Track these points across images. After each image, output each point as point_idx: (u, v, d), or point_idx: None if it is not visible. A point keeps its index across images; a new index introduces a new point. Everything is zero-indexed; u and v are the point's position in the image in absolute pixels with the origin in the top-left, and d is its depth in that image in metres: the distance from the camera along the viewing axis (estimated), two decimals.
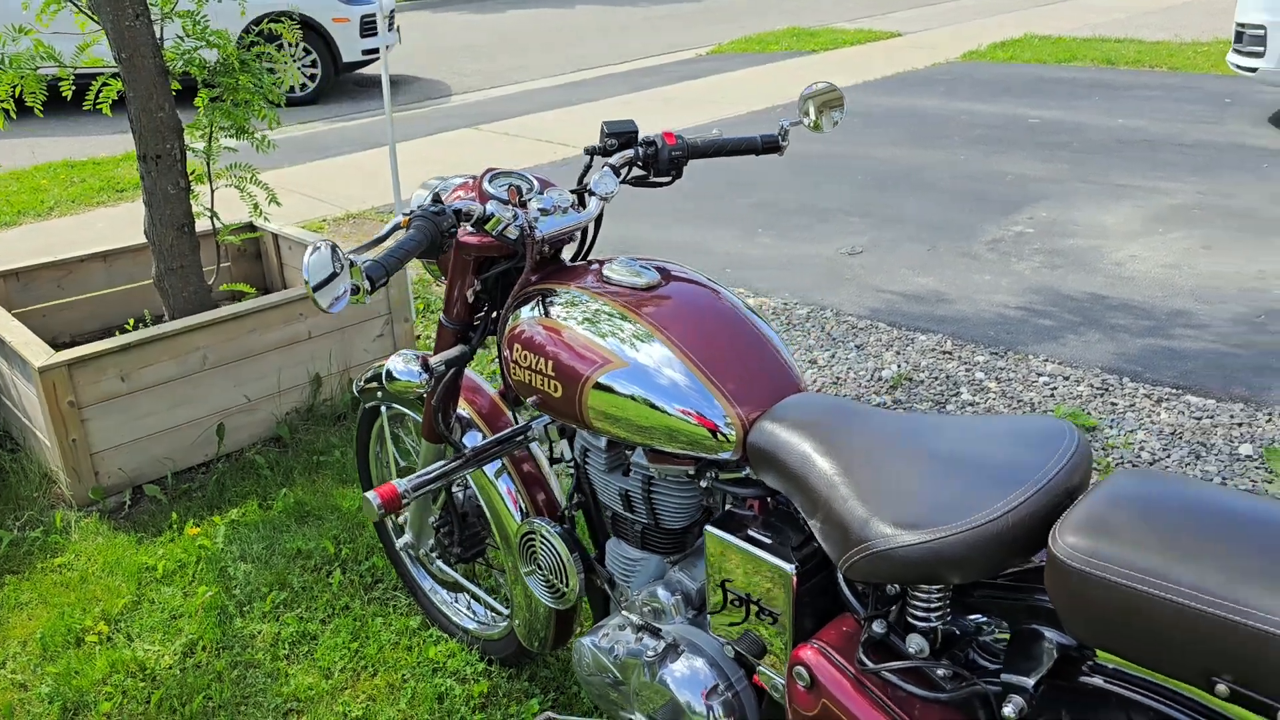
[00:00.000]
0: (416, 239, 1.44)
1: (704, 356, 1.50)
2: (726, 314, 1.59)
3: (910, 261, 4.74)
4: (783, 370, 1.54)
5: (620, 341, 1.54)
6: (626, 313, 1.57)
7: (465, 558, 2.14)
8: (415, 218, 1.47)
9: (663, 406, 1.48)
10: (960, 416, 1.40)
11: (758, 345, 1.56)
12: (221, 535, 2.84)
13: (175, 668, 2.37)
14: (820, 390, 3.54)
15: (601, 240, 5.28)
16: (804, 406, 1.45)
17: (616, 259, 1.70)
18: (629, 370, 1.51)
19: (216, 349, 3.24)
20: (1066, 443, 1.27)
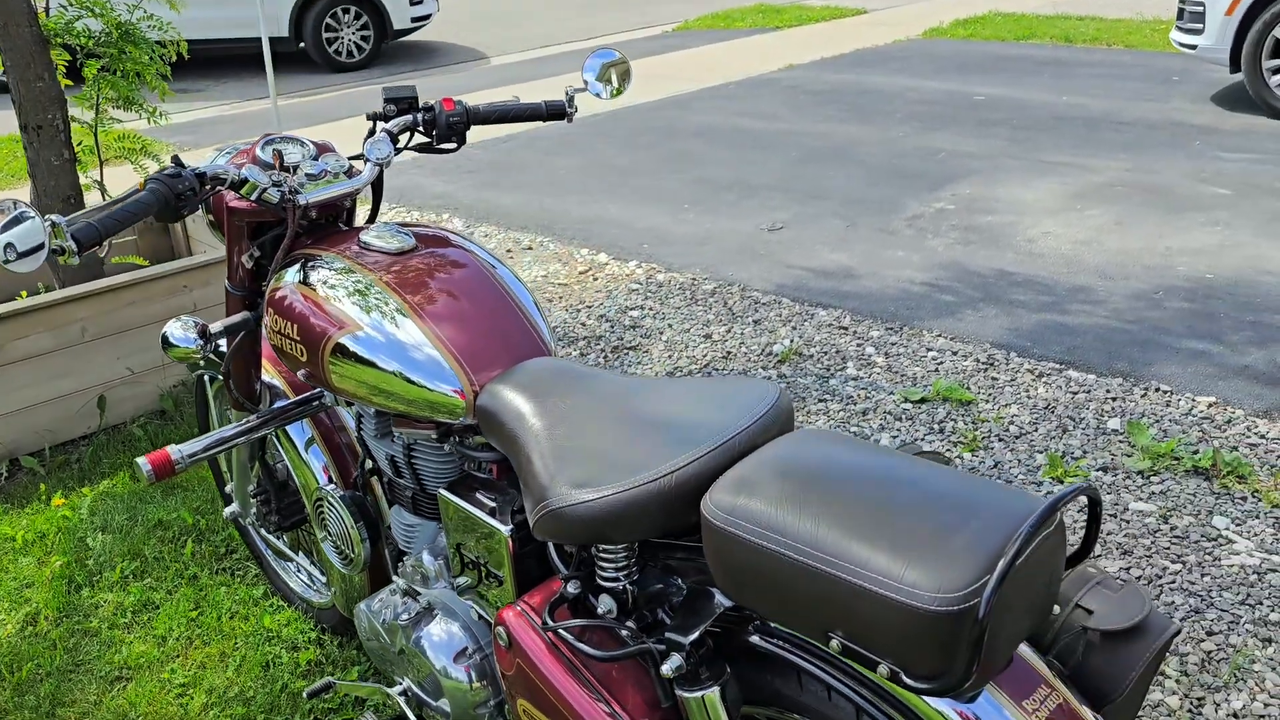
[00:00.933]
0: (144, 202, 1.44)
1: (440, 321, 1.51)
2: (474, 280, 1.59)
3: (828, 238, 4.74)
4: (526, 336, 1.54)
5: (359, 305, 1.54)
6: (371, 277, 1.57)
7: (284, 526, 2.14)
8: (149, 180, 1.47)
9: (395, 370, 1.48)
10: (681, 379, 1.40)
11: (501, 311, 1.56)
12: (86, 506, 2.85)
13: (14, 636, 2.38)
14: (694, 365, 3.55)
15: (525, 214, 5.29)
16: (533, 371, 1.45)
17: (379, 225, 1.70)
18: (364, 334, 1.52)
19: (96, 321, 3.23)
20: (762, 405, 1.28)
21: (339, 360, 1.54)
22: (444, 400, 1.46)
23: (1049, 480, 2.77)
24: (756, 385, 1.33)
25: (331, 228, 1.80)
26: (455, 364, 1.47)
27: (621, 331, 3.86)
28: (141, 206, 1.44)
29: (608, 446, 1.25)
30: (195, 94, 8.93)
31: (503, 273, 1.64)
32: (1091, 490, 1.04)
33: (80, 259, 1.36)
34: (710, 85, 8.13)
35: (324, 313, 1.56)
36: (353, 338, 1.52)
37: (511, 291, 1.61)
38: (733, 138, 6.53)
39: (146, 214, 1.45)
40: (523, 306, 1.59)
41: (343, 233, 1.74)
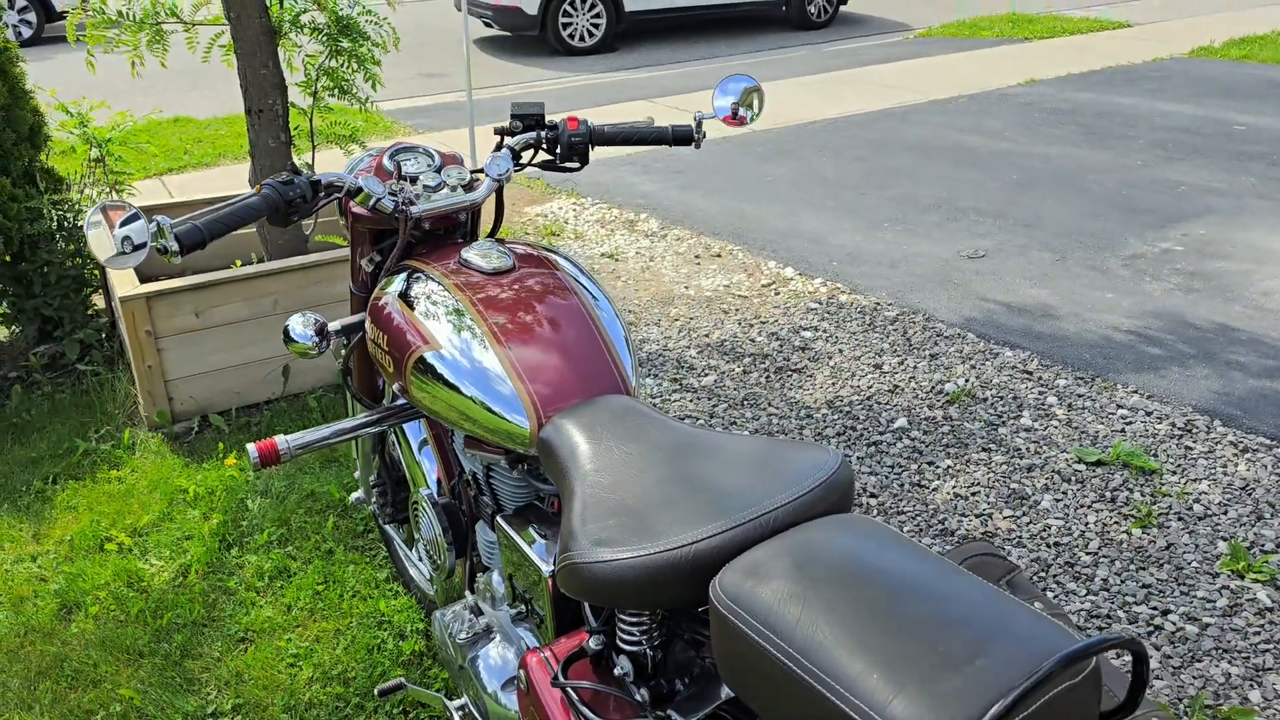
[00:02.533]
0: (253, 206, 1.50)
1: (517, 347, 1.49)
2: (562, 307, 1.56)
3: (1031, 271, 4.43)
4: (604, 371, 1.50)
5: (444, 324, 1.55)
6: (460, 296, 1.57)
7: (399, 519, 2.21)
8: (263, 186, 1.53)
9: (468, 393, 1.48)
10: (742, 436, 1.32)
11: (584, 342, 1.52)
12: (252, 470, 3.05)
13: (167, 584, 2.58)
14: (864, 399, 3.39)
15: (721, 220, 5.24)
16: (601, 409, 1.41)
17: (484, 241, 1.70)
18: (444, 353, 1.52)
19: (287, 295, 3.45)
20: (812, 478, 1.18)
21: (419, 375, 1.55)
22: (510, 428, 1.45)
23: (1226, 573, 2.47)
24: (815, 454, 1.23)
25: (448, 240, 1.83)
26: (525, 393, 1.45)
27: (789, 352, 3.75)
28: (250, 210, 1.50)
29: (641, 504, 1.19)
30: (439, 77, 9.41)
31: (598, 302, 1.61)
32: (1136, 645, 0.89)
33: (183, 257, 1.43)
34: (939, 98, 7.78)
35: (413, 327, 1.58)
36: (435, 355, 1.53)
37: (599, 322, 1.57)
38: (951, 155, 6.22)
39: (255, 218, 1.51)
40: (608, 339, 1.55)
41: (451, 246, 1.76)
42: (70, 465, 3.12)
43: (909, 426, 3.20)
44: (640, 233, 5.22)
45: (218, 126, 7.84)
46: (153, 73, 5.41)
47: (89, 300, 3.90)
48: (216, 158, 6.95)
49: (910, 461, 3.01)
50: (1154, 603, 2.39)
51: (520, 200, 5.72)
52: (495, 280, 1.61)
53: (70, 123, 4.19)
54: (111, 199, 1.43)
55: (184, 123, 7.92)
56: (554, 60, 10.20)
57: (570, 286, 1.62)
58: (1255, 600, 2.37)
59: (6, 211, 3.57)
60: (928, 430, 3.17)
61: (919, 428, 3.19)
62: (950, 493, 2.84)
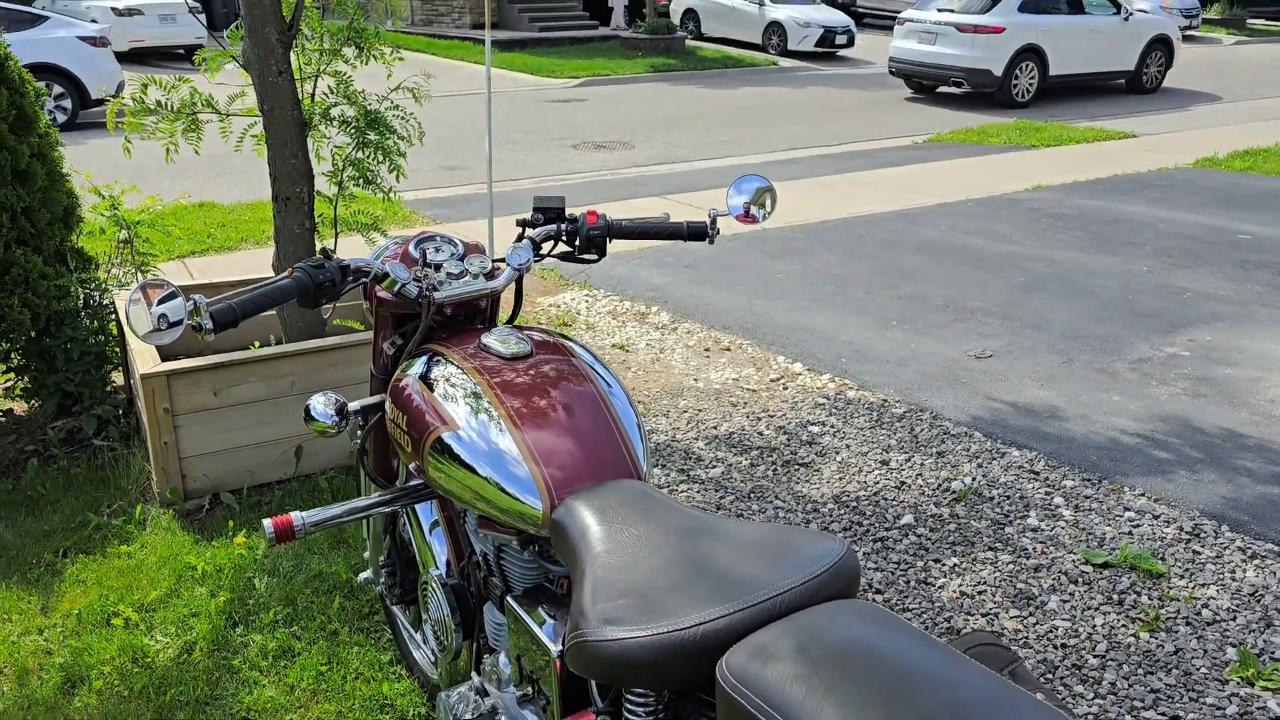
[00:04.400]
0: (284, 288, 1.56)
1: (533, 431, 1.53)
2: (577, 393, 1.61)
3: (1038, 372, 4.47)
4: (616, 456, 1.54)
5: (463, 406, 1.59)
6: (478, 380, 1.62)
7: (407, 600, 2.22)
8: (295, 269, 1.60)
9: (483, 473, 1.52)
10: (750, 522, 1.35)
11: (598, 427, 1.57)
12: (262, 548, 3.07)
13: (171, 661, 2.58)
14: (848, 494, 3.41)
15: (731, 314, 5.32)
16: (612, 492, 1.44)
17: (503, 328, 1.76)
18: (461, 434, 1.56)
19: (304, 376, 3.52)
20: (818, 564, 1.21)
21: (436, 455, 1.59)
22: (524, 509, 1.48)
23: (1236, 680, 2.45)
24: (821, 541, 1.26)
25: (468, 325, 1.89)
26: (539, 475, 1.49)
27: (797, 446, 3.78)
28: (281, 292, 1.56)
29: (650, 586, 1.22)
30: (460, 170, 9.65)
31: (611, 389, 1.66)
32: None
33: (216, 335, 1.49)
34: (948, 200, 7.94)
35: (432, 408, 1.63)
36: (453, 435, 1.57)
37: (613, 409, 1.62)
38: (959, 256, 6.33)
39: (286, 299, 1.57)
40: (621, 425, 1.59)
41: (471, 332, 1.82)
42: (81, 539, 3.15)
43: (915, 523, 3.21)
44: (651, 325, 5.30)
45: (241, 212, 8.03)
46: (181, 159, 5.64)
47: (108, 377, 3.96)
48: (239, 242, 7.11)
49: (916, 558, 3.01)
50: (1162, 708, 2.37)
51: (535, 291, 5.83)
52: (513, 365, 1.66)
53: (102, 205, 4.32)
54: (152, 277, 1.49)
55: (209, 208, 8.12)
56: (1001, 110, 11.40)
57: (585, 373, 1.67)
58: (1266, 709, 2.35)
59: (36, 289, 3.67)
60: (934, 528, 3.18)
61: (925, 525, 3.20)
62: (956, 591, 2.84)
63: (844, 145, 11.14)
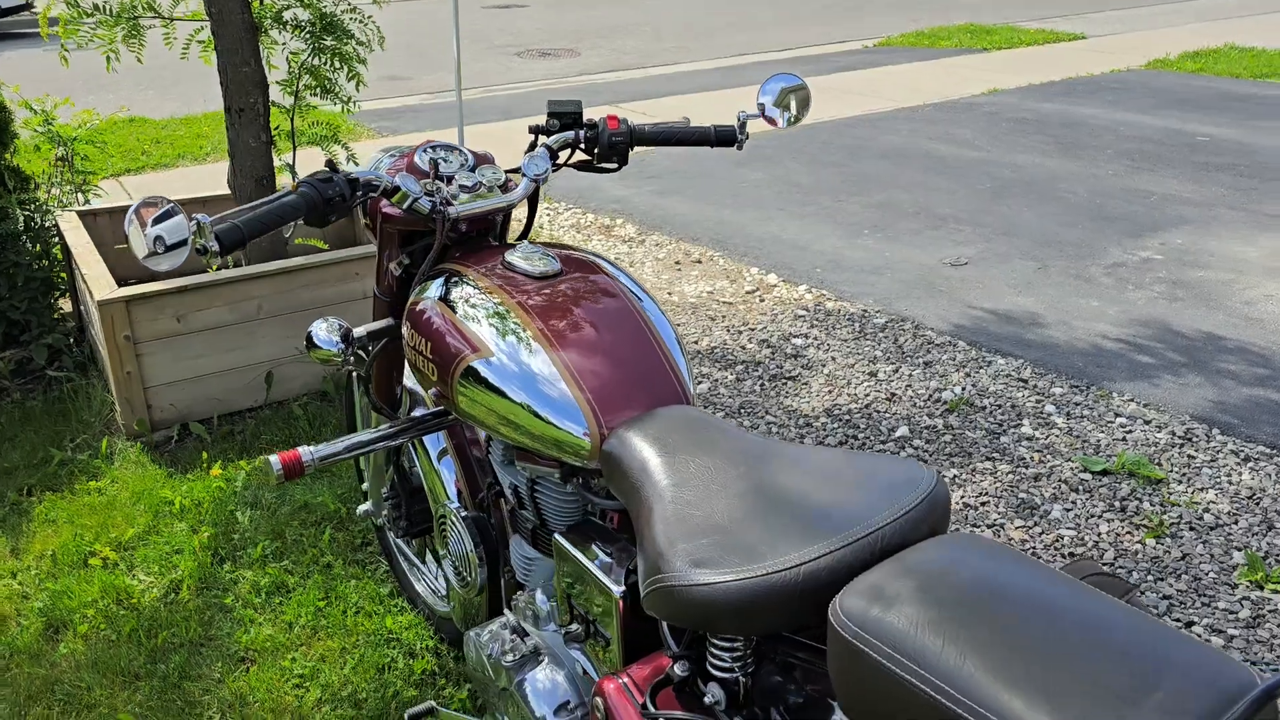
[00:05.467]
0: (292, 205, 1.42)
1: (575, 356, 1.42)
2: (616, 313, 1.50)
3: (1015, 279, 4.44)
4: (664, 380, 1.44)
5: (494, 330, 1.47)
6: (508, 301, 1.50)
7: (412, 532, 2.12)
8: (300, 183, 1.45)
9: (522, 402, 1.41)
10: (824, 449, 1.27)
11: (641, 349, 1.46)
12: (241, 480, 2.93)
13: (158, 601, 2.46)
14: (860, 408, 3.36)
15: (699, 226, 5.19)
16: (667, 420, 1.35)
17: (526, 245, 1.63)
18: (495, 361, 1.45)
19: (271, 299, 3.34)
20: (913, 494, 1.13)
21: (468, 384, 1.48)
22: (569, 440, 1.38)
23: (1245, 584, 2.47)
24: (909, 469, 1.18)
25: (481, 242, 1.75)
26: (585, 403, 1.38)
27: (782, 360, 3.71)
28: (289, 209, 1.42)
29: (732, 522, 1.13)
30: (402, 80, 9.27)
31: (648, 307, 1.55)
32: None
33: (221, 259, 1.35)
34: (906, 106, 7.83)
35: (459, 333, 1.51)
36: (484, 363, 1.46)
37: (655, 329, 1.51)
38: (923, 163, 6.25)
39: (294, 217, 1.43)
40: (665, 347, 1.49)
41: (490, 249, 1.69)
42: (46, 476, 2.98)
43: (910, 435, 3.17)
44: (618, 238, 5.16)
45: (175, 127, 7.63)
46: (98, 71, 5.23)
47: (56, 304, 3.74)
48: (175, 159, 6.77)
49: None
50: (1176, 614, 2.38)
51: None
52: (543, 285, 1.54)
53: (35, 120, 4.02)
54: (148, 196, 1.33)
55: (140, 123, 7.71)
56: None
57: (620, 291, 1.55)
58: (1278, 611, 2.37)
59: None
60: (930, 439, 3.15)
61: (921, 436, 3.17)
62: (959, 502, 2.82)
63: (794, 50, 10.92)
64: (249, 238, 1.37)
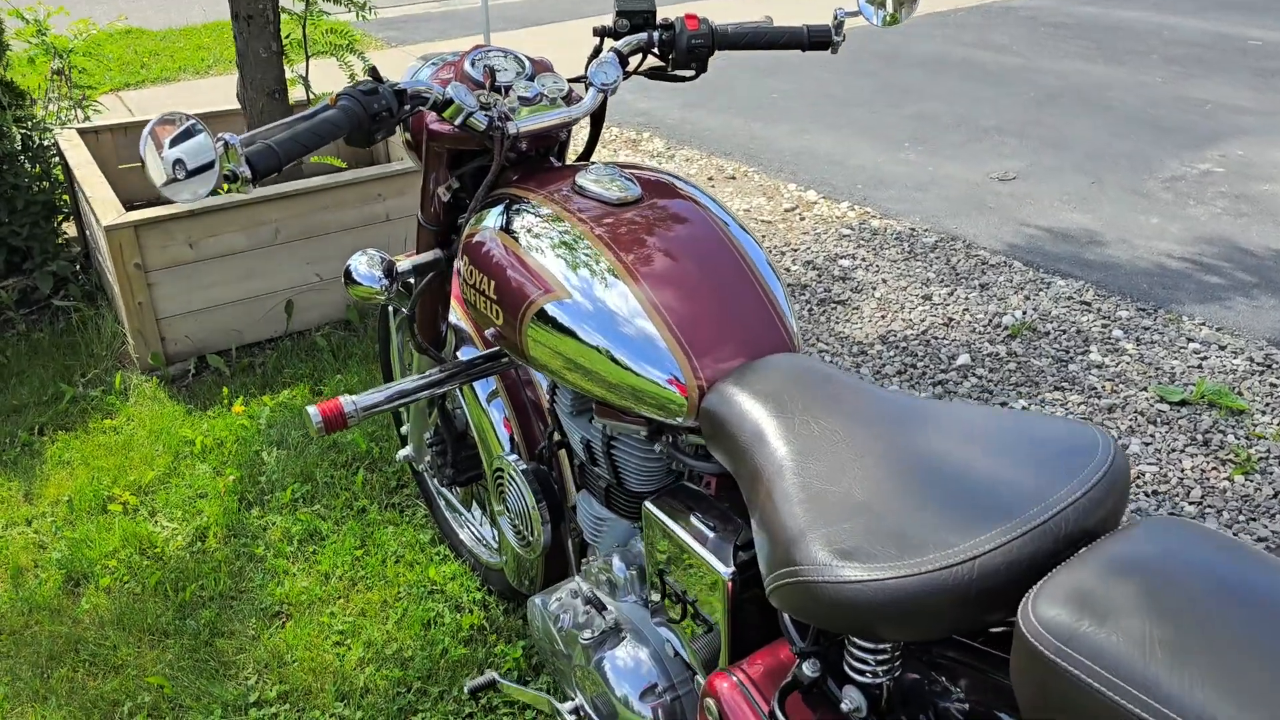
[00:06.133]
0: (334, 121, 1.21)
1: (666, 296, 1.22)
2: (710, 246, 1.30)
3: (1068, 194, 4.20)
4: (769, 324, 1.25)
5: (569, 266, 1.28)
6: (585, 233, 1.30)
7: (459, 481, 1.95)
8: (341, 96, 1.24)
9: (605, 350, 1.22)
10: (974, 406, 1.08)
11: (741, 288, 1.26)
12: (265, 417, 2.77)
13: (184, 550, 2.31)
14: (918, 338, 3.17)
15: (730, 140, 4.94)
16: (778, 372, 1.16)
17: (598, 165, 1.42)
18: (573, 302, 1.25)
19: (289, 223, 3.13)
20: (1093, 467, 0.94)
21: (540, 329, 1.28)
22: (661, 393, 1.19)
23: None
24: (1082, 433, 0.98)
25: (541, 163, 1.54)
26: (679, 350, 1.19)
27: (830, 283, 3.51)
28: (330, 127, 1.21)
29: (880, 501, 0.95)
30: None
31: (742, 238, 1.34)
32: None
33: (255, 186, 1.15)
34: (939, 10, 7.47)
35: (528, 271, 1.31)
36: (560, 305, 1.26)
37: (753, 263, 1.31)
38: (961, 71, 5.94)
39: (336, 136, 1.22)
40: (765, 284, 1.29)
41: (555, 171, 1.48)
42: (58, 414, 2.81)
43: (972, 363, 2.99)
44: (646, 153, 4.91)
45: (174, 39, 7.32)
46: None
47: (60, 228, 3.53)
48: (177, 72, 6.48)
49: (980, 402, 2.80)
50: None
51: None
52: (624, 213, 1.33)
53: (28, 30, 3.77)
54: (165, 114, 1.12)
55: (137, 34, 7.39)
56: None
57: (712, 222, 1.35)
58: None
59: None
60: (993, 367, 2.96)
61: (983, 364, 2.98)
62: None
63: None
64: (286, 161, 1.17)
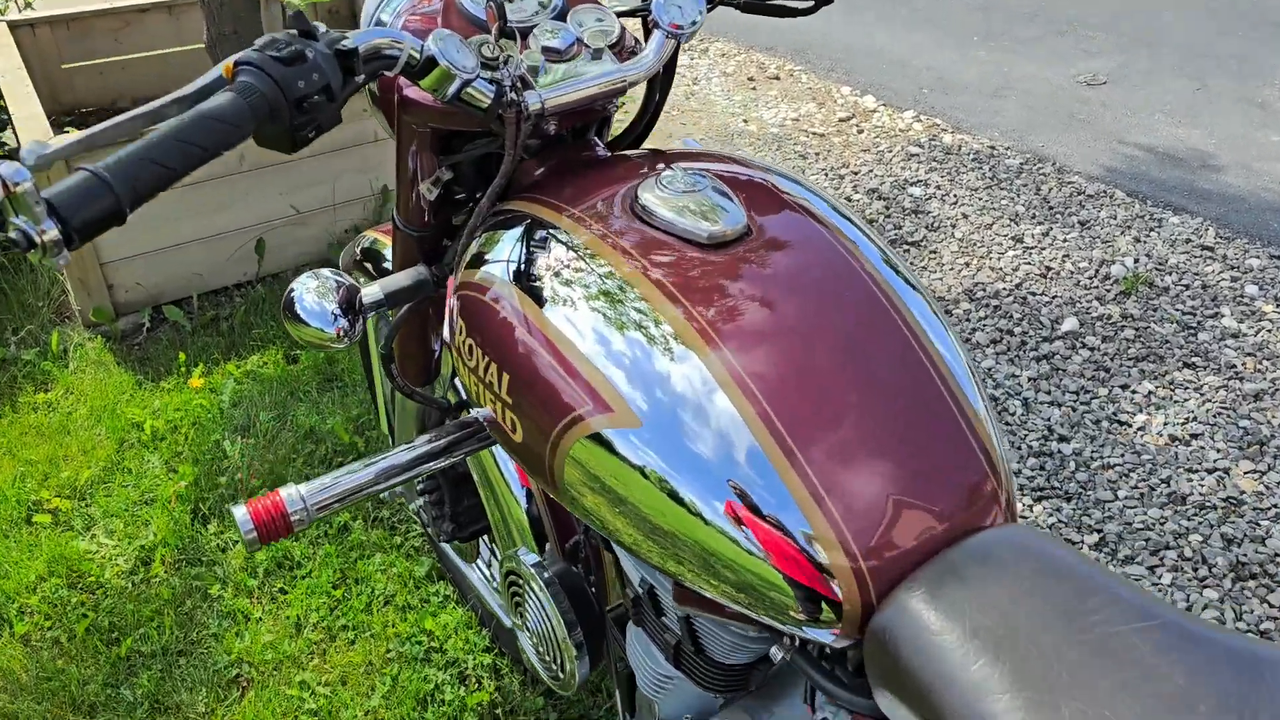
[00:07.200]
0: (224, 118, 0.69)
1: (802, 425, 0.73)
2: (873, 331, 0.79)
3: (1169, 103, 3.61)
4: (974, 474, 0.75)
5: (640, 369, 0.77)
6: (660, 304, 0.79)
7: (462, 537, 1.48)
8: (241, 66, 0.72)
9: (697, 511, 0.73)
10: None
11: (931, 410, 0.76)
12: (228, 393, 2.29)
13: (123, 580, 1.87)
14: None
15: (772, 32, 4.31)
16: (1004, 570, 0.67)
17: (670, 169, 0.90)
18: (643, 436, 0.76)
19: (254, 149, 2.59)
20: None
21: (587, 465, 0.79)
22: (794, 593, 0.71)
23: None
24: None
25: (575, 148, 1.02)
26: (827, 521, 0.70)
27: (900, 216, 2.97)
28: (219, 129, 0.69)
29: None
30: None
31: (921, 313, 0.83)
32: None
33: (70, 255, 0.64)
34: None
35: (566, 368, 0.80)
36: (621, 435, 0.76)
37: (941, 360, 0.80)
38: None
39: (228, 143, 0.71)
40: (964, 399, 0.79)
41: (599, 168, 0.96)
42: None
43: (1081, 329, 2.48)
44: None
45: None
46: None
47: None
48: None
49: (1097, 384, 2.30)
50: None
51: None
52: (721, 261, 0.82)
53: None
54: None
55: None
56: None
57: (870, 277, 0.83)
58: None
59: None
60: (1106, 336, 2.46)
61: (1094, 332, 2.47)
62: (1163, 434, 2.16)
63: None
64: (132, 202, 0.66)
